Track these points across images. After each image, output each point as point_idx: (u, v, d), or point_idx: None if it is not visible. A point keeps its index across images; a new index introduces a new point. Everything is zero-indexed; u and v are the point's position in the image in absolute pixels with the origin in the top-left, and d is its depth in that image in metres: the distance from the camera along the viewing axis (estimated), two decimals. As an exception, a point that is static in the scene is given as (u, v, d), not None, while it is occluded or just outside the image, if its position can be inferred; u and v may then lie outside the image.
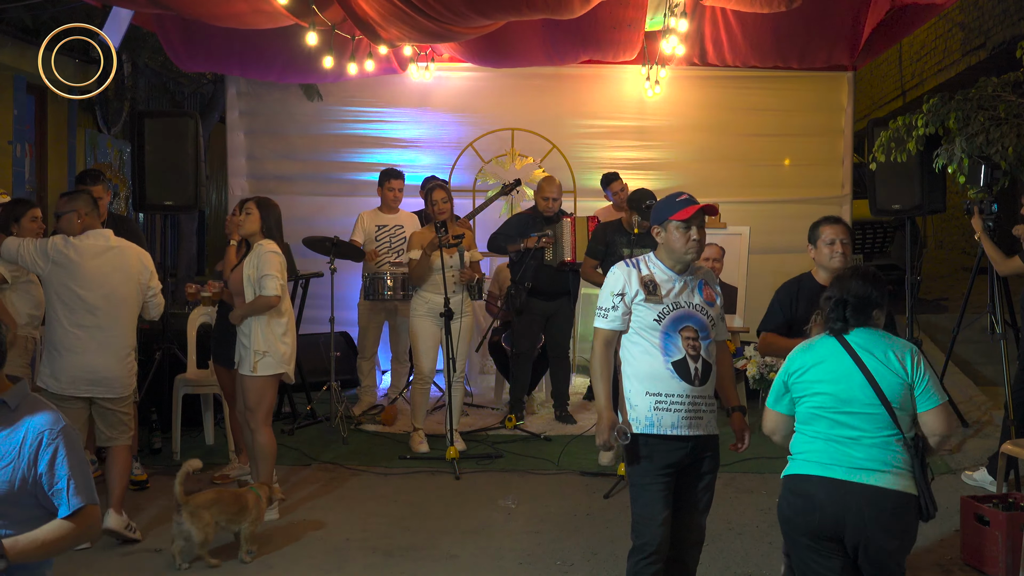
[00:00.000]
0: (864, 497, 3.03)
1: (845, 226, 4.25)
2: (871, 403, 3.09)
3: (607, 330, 3.61)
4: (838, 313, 3.22)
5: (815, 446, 3.16)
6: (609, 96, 8.62)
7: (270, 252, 5.11)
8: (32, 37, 8.63)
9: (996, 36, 9.79)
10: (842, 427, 3.12)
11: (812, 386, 3.18)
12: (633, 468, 3.58)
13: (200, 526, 4.52)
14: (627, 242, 6.42)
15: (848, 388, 3.11)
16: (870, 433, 3.08)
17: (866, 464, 3.06)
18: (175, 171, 6.97)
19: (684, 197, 3.63)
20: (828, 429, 3.14)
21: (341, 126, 8.65)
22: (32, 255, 4.81)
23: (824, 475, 3.10)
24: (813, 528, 3.10)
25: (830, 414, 3.14)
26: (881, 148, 6.83)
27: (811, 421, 3.19)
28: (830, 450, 3.12)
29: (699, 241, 3.58)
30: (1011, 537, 4.33)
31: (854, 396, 3.10)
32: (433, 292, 6.37)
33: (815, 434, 3.17)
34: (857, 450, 3.08)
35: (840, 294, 3.23)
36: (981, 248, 6.06)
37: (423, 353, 6.47)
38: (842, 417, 3.12)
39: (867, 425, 3.09)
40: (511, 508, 5.40)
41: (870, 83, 14.19)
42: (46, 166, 10.07)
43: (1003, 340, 6.15)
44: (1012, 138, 6.12)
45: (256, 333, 5.08)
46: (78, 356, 4.78)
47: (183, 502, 4.53)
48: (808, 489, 3.12)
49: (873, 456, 3.07)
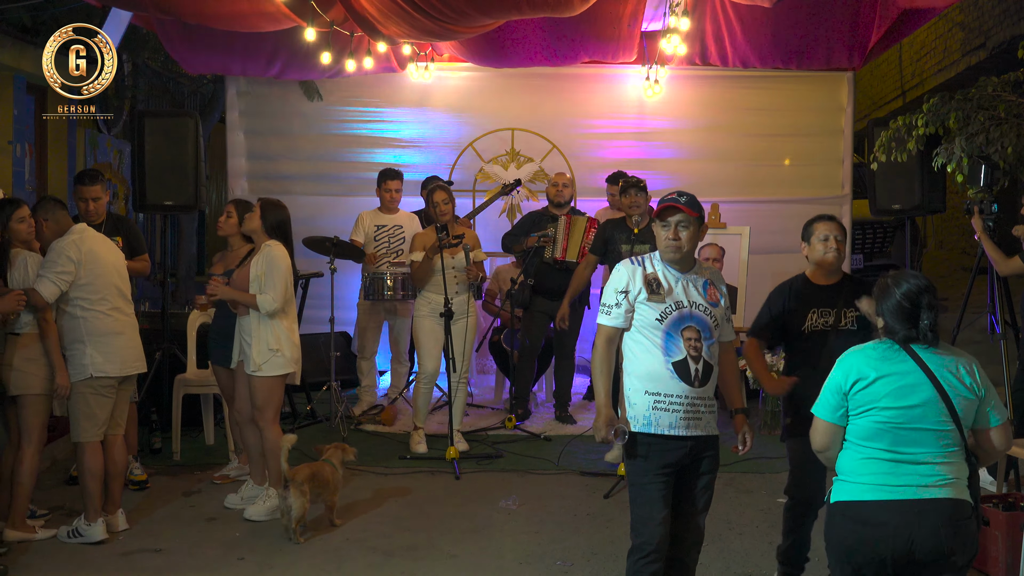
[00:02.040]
0: (937, 511, 2.88)
1: (839, 224, 4.22)
2: (942, 420, 2.93)
3: (609, 327, 3.60)
4: (908, 318, 2.98)
5: (878, 468, 2.95)
6: (609, 96, 8.62)
7: (279, 257, 5.15)
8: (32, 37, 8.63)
9: (996, 36, 9.79)
10: (909, 444, 2.93)
11: (878, 400, 2.94)
12: (632, 468, 3.58)
13: (302, 501, 4.82)
14: (627, 239, 6.44)
15: (920, 404, 2.93)
16: (937, 449, 2.93)
17: (935, 480, 2.91)
18: (175, 171, 6.97)
19: (672, 195, 3.61)
20: (892, 447, 2.94)
21: (341, 126, 8.65)
22: (67, 274, 4.84)
23: (894, 498, 2.90)
24: (883, 556, 2.90)
25: (896, 431, 2.94)
26: (881, 148, 6.83)
27: (873, 438, 2.96)
28: (897, 470, 2.93)
29: (675, 241, 3.54)
30: (1011, 537, 4.33)
31: (926, 413, 2.92)
32: (436, 293, 6.37)
33: (876, 453, 2.96)
34: (924, 467, 2.92)
35: (914, 296, 2.97)
36: (981, 248, 6.06)
37: (427, 353, 6.47)
38: (910, 434, 2.93)
39: (935, 442, 2.93)
40: (511, 508, 5.40)
41: (870, 83, 14.19)
42: (46, 166, 10.08)
43: (1003, 340, 6.15)
44: (1012, 138, 6.12)
45: (267, 332, 5.10)
46: (124, 336, 5.03)
47: (291, 477, 4.83)
48: (877, 516, 2.91)
49: (940, 471, 2.92)
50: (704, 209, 3.66)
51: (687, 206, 3.55)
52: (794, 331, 4.18)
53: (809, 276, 4.25)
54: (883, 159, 6.89)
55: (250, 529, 5.11)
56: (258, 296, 5.07)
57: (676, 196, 3.59)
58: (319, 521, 5.17)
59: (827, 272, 4.20)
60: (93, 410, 4.88)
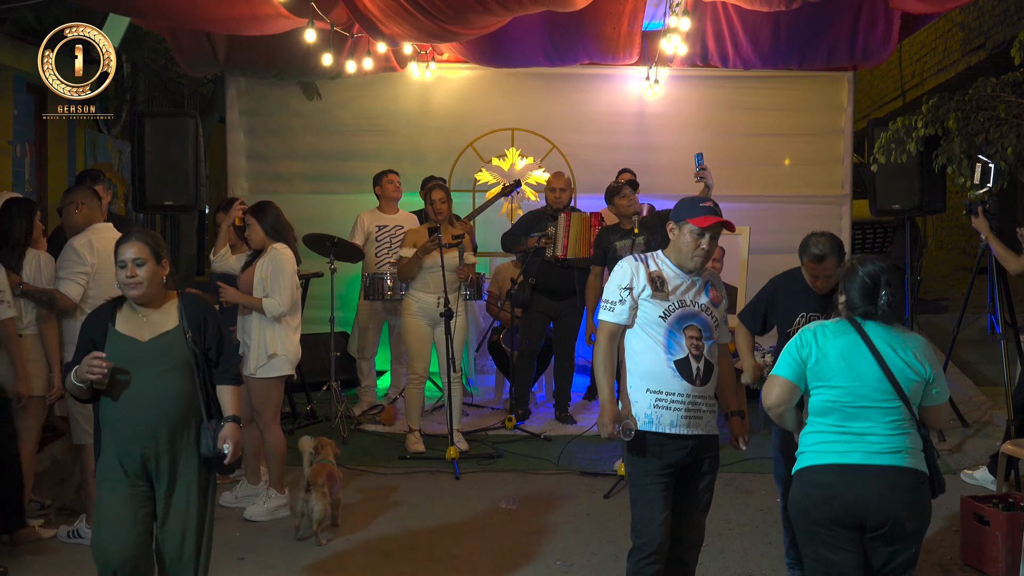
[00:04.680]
0: (884, 477, 3.05)
1: (834, 261, 4.15)
2: (888, 398, 3.10)
3: (612, 324, 3.60)
4: (868, 295, 3.16)
5: (828, 438, 3.15)
6: (609, 96, 8.61)
7: (285, 260, 5.17)
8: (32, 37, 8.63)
9: (996, 36, 9.78)
10: (857, 420, 3.11)
11: (829, 379, 3.14)
12: (633, 468, 3.58)
13: (324, 503, 4.86)
14: (619, 237, 6.48)
15: (866, 383, 3.10)
16: (884, 425, 3.10)
17: (882, 449, 3.08)
18: (175, 171, 6.97)
19: (709, 204, 3.60)
20: (842, 422, 3.13)
21: (341, 125, 8.64)
22: (84, 274, 4.84)
23: (841, 462, 3.09)
24: (833, 516, 3.09)
25: (845, 407, 3.12)
26: (881, 149, 6.83)
27: (825, 414, 3.17)
28: (844, 440, 3.11)
29: (707, 251, 3.55)
30: (1011, 537, 4.33)
31: (871, 391, 3.10)
32: (424, 292, 6.40)
33: (828, 427, 3.16)
34: (872, 440, 3.09)
35: (875, 275, 3.16)
36: (981, 248, 6.06)
37: (416, 354, 6.48)
38: (858, 411, 3.11)
39: (882, 418, 3.10)
40: (511, 508, 5.41)
41: (870, 83, 14.18)
42: (46, 166, 10.07)
43: (1003, 340, 6.15)
44: (1012, 138, 6.12)
45: (266, 335, 5.10)
46: None
47: (313, 481, 4.86)
48: (826, 478, 3.11)
49: (888, 443, 3.09)
50: None
51: (728, 220, 3.57)
52: (782, 333, 4.25)
53: (804, 275, 4.30)
54: (882, 160, 6.89)
55: (250, 529, 5.11)
56: (264, 300, 5.08)
57: (713, 206, 3.59)
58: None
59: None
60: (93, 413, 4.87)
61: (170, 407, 3.38)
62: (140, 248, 3.43)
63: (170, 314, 3.48)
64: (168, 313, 3.49)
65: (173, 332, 3.45)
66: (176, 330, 3.45)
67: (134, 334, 3.43)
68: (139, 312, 3.46)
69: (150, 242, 3.45)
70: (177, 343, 3.43)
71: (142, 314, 3.45)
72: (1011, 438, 5.34)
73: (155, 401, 3.36)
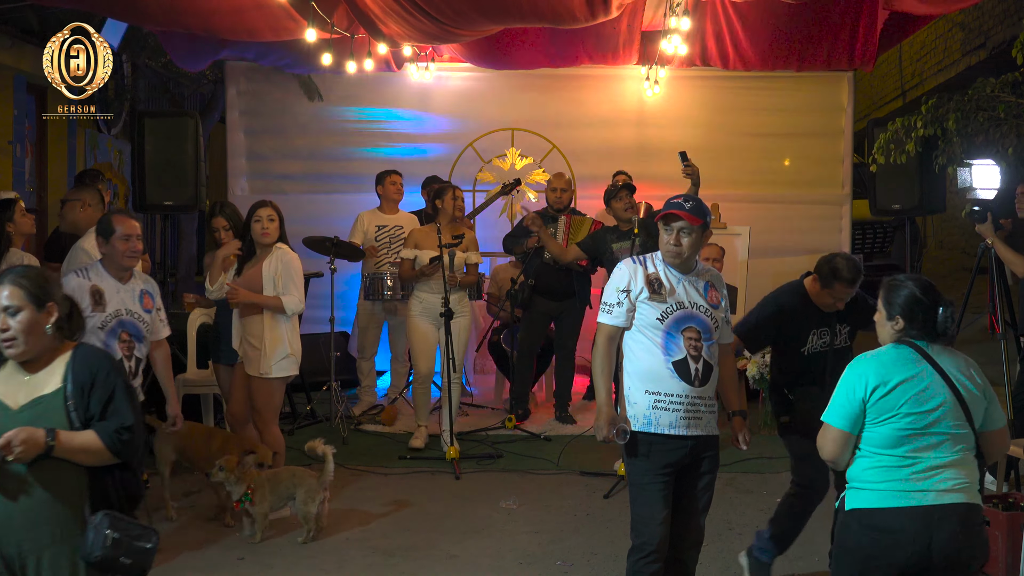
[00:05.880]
0: (954, 516, 2.86)
1: (855, 283, 4.11)
2: (959, 423, 2.91)
3: (610, 326, 3.60)
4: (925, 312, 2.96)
5: (895, 475, 2.90)
6: (609, 96, 8.62)
7: (294, 259, 5.20)
8: (32, 37, 8.63)
9: (996, 36, 9.78)
10: (928, 449, 2.89)
11: (898, 407, 2.89)
12: (632, 468, 3.58)
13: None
14: (615, 238, 6.48)
15: (938, 408, 2.90)
16: (954, 454, 2.91)
17: (951, 485, 2.89)
18: (175, 171, 6.98)
19: (677, 200, 3.58)
20: (911, 453, 2.90)
21: (341, 126, 8.65)
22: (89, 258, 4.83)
23: (913, 504, 2.87)
24: (901, 563, 2.88)
25: (916, 437, 2.89)
26: (880, 150, 6.83)
27: (892, 445, 2.91)
28: (915, 476, 2.89)
29: (676, 247, 3.52)
30: (1011, 537, 4.33)
31: (944, 417, 2.90)
32: (427, 292, 6.40)
33: (893, 460, 2.91)
34: (942, 472, 2.89)
35: (929, 290, 2.96)
36: (981, 249, 6.05)
37: (420, 354, 6.48)
38: (929, 439, 2.89)
39: (952, 446, 2.91)
40: (511, 508, 5.41)
41: (870, 83, 14.17)
42: (46, 166, 10.07)
43: (1003, 340, 6.15)
44: (1012, 139, 6.12)
45: (283, 335, 5.11)
46: None
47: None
48: (897, 523, 2.88)
49: (956, 476, 2.91)
50: (709, 215, 3.63)
51: (691, 213, 3.50)
52: (793, 351, 4.21)
53: (809, 292, 4.24)
54: (882, 161, 6.89)
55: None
56: (283, 298, 5.09)
57: (682, 201, 3.56)
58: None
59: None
60: None
61: (35, 497, 2.66)
62: (13, 293, 2.70)
63: (55, 373, 2.74)
64: (53, 372, 2.74)
65: (50, 398, 2.72)
66: (55, 395, 2.72)
67: (7, 398, 2.74)
68: (21, 369, 2.76)
69: (26, 284, 2.73)
70: (52, 412, 2.69)
71: (24, 371, 2.75)
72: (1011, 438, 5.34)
73: (16, 487, 2.65)
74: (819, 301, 4.21)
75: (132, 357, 4.40)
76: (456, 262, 6.35)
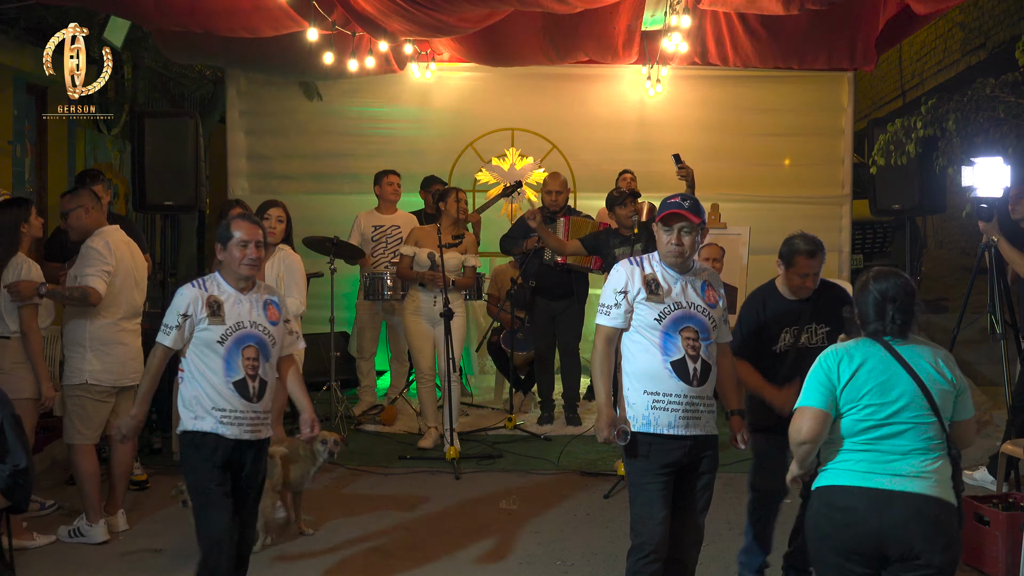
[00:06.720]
0: (908, 506, 2.88)
1: (821, 257, 4.08)
2: (921, 413, 2.95)
3: (609, 327, 3.61)
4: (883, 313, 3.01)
5: (858, 456, 2.98)
6: (609, 96, 8.62)
7: (296, 260, 5.23)
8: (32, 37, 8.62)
9: (996, 36, 9.78)
10: (888, 438, 2.95)
11: (860, 398, 2.97)
12: (631, 467, 3.59)
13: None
14: (618, 243, 6.46)
15: (899, 397, 2.95)
16: (916, 443, 2.94)
17: (910, 472, 2.92)
18: (175, 171, 6.97)
19: (675, 199, 3.58)
20: (873, 439, 2.96)
21: (341, 126, 8.65)
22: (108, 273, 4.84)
23: (865, 485, 2.93)
24: (851, 545, 2.93)
25: (877, 424, 2.96)
26: (880, 151, 6.82)
27: (856, 435, 2.99)
28: (872, 459, 2.95)
29: (678, 247, 3.52)
30: (1011, 537, 4.33)
31: (905, 405, 2.95)
32: (421, 291, 6.43)
33: (858, 445, 2.99)
34: (902, 460, 2.93)
35: (885, 293, 3.01)
36: (981, 248, 6.04)
37: (419, 352, 6.50)
38: (889, 428, 2.95)
39: (917, 436, 2.94)
40: (511, 508, 5.41)
41: (870, 83, 14.17)
42: (46, 166, 10.06)
43: (1003, 340, 6.15)
44: (1012, 139, 6.12)
45: None
46: (126, 347, 5.00)
47: None
48: (845, 501, 2.95)
49: (916, 465, 2.93)
50: (705, 212, 3.63)
51: (691, 212, 3.52)
52: (766, 348, 4.15)
53: (780, 289, 4.20)
54: (881, 162, 6.88)
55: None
56: (288, 300, 5.09)
57: (680, 200, 3.56)
58: (317, 522, 5.17)
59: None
60: (88, 413, 4.88)
61: None
62: None
63: None
64: None
65: None
66: None
67: None
68: None
69: None
70: None
71: None
72: (1011, 438, 5.34)
73: None
74: (791, 286, 4.11)
75: (256, 377, 3.93)
76: (454, 264, 6.35)
